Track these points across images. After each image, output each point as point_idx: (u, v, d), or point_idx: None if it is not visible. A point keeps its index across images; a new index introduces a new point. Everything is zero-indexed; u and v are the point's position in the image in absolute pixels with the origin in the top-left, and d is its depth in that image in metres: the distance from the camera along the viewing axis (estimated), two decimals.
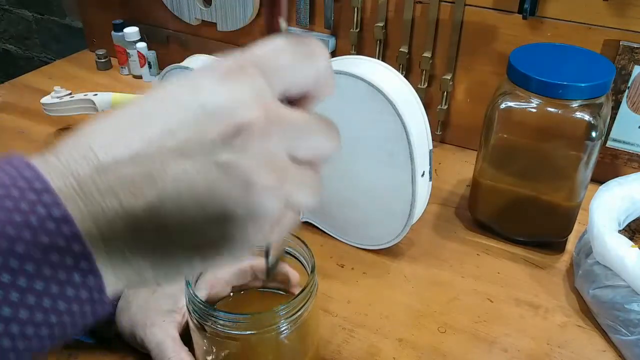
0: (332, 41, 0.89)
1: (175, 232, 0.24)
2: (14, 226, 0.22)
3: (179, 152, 0.23)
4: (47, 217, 0.22)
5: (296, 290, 0.50)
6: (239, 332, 0.44)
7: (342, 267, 0.66)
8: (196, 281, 0.49)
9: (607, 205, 0.59)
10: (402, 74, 0.76)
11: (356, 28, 0.87)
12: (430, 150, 0.62)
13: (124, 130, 0.24)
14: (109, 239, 0.23)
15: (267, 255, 0.33)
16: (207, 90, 0.24)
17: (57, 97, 0.88)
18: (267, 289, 0.54)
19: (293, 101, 0.27)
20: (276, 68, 0.25)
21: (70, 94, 0.89)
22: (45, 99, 0.89)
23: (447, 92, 0.85)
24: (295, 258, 0.49)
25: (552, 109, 0.60)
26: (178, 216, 0.24)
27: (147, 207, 0.23)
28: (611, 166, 0.78)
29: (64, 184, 0.23)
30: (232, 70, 0.24)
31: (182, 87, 0.25)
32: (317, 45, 0.27)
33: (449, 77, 0.83)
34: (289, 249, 0.49)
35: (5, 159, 0.23)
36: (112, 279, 0.24)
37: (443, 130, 0.89)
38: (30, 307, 0.22)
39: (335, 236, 0.70)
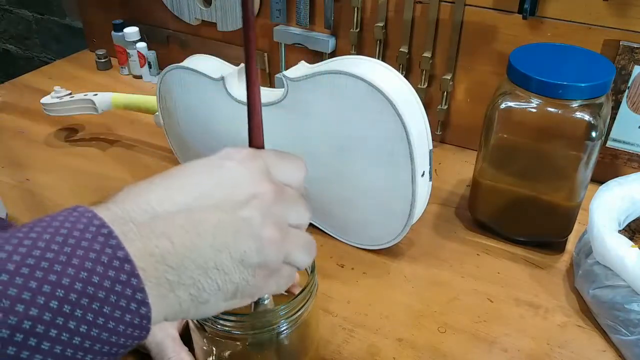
0: (332, 41, 0.89)
1: (210, 269, 0.31)
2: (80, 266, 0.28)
3: (215, 207, 0.32)
4: (113, 257, 0.28)
5: (296, 290, 0.50)
6: (239, 332, 0.44)
7: (342, 267, 0.66)
8: None
9: (607, 205, 0.59)
10: (402, 74, 0.76)
11: (356, 28, 0.87)
12: (430, 150, 0.62)
13: (173, 190, 0.32)
14: (160, 272, 0.30)
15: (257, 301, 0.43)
16: (232, 166, 0.34)
17: (57, 97, 0.88)
18: None
19: None
20: (278, 166, 0.36)
21: (70, 94, 0.89)
22: (45, 99, 0.89)
23: (447, 92, 0.85)
24: None
25: (552, 109, 0.60)
26: (212, 256, 0.31)
27: (191, 246, 0.30)
28: (611, 166, 0.78)
29: (126, 229, 0.29)
30: (249, 157, 0.35)
31: (213, 164, 0.34)
32: (301, 161, 0.38)
33: (449, 77, 0.83)
34: None
35: (71, 209, 0.30)
36: (158, 309, 0.30)
37: (443, 130, 0.89)
38: (100, 326, 0.28)
39: (335, 236, 0.70)
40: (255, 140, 0.39)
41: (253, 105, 0.38)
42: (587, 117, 0.59)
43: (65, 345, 0.27)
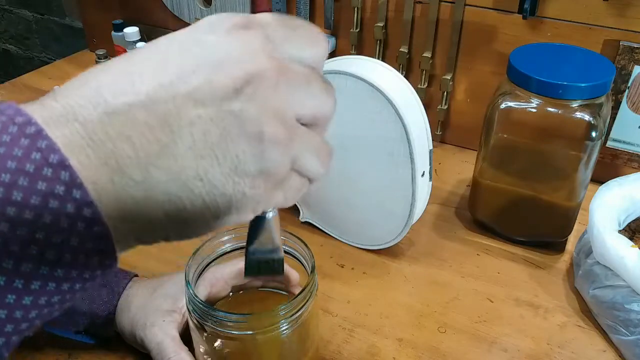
0: (332, 41, 0.89)
1: (190, 179, 0.23)
2: (10, 173, 0.21)
3: (192, 99, 0.23)
4: (43, 163, 0.21)
5: (296, 290, 0.50)
6: (239, 332, 0.44)
7: (342, 267, 0.66)
8: (196, 281, 0.49)
9: (607, 205, 0.59)
10: (402, 74, 0.76)
11: (356, 28, 0.87)
12: (430, 150, 0.62)
13: (134, 75, 0.23)
14: (120, 186, 0.23)
15: (248, 243, 0.31)
16: (216, 40, 0.24)
17: None
18: (267, 289, 0.54)
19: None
20: (281, 38, 0.26)
21: None
22: None
23: (447, 92, 0.85)
24: (295, 258, 0.49)
25: (552, 109, 0.60)
26: (192, 164, 0.23)
27: (162, 151, 0.23)
28: (611, 166, 0.78)
29: (68, 130, 0.22)
30: (241, 26, 0.25)
31: (190, 36, 0.25)
32: (318, 32, 0.27)
33: (449, 77, 0.83)
34: (289, 248, 0.49)
35: None
36: (124, 228, 0.23)
37: (443, 130, 0.89)
38: (33, 258, 0.21)
39: (335, 236, 0.70)
40: (259, 2, 0.28)
41: None
42: (587, 117, 0.59)
43: None
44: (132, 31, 1.04)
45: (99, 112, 0.22)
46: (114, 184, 0.22)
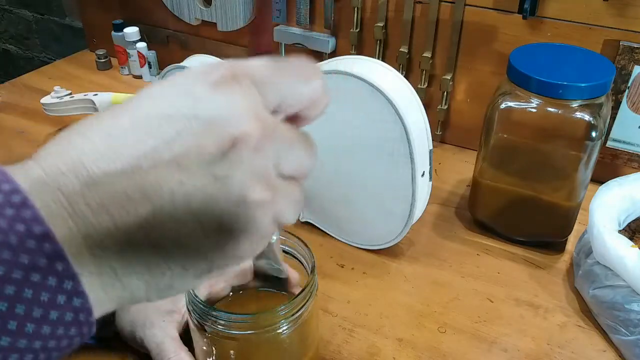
0: (332, 41, 0.89)
1: (169, 247, 0.23)
2: None
3: (175, 164, 0.22)
4: (27, 235, 0.21)
5: (296, 290, 0.50)
6: (239, 332, 0.44)
7: (342, 267, 0.66)
8: None
9: (607, 205, 0.59)
10: (402, 74, 0.76)
11: (356, 28, 0.87)
12: (430, 150, 0.62)
13: (116, 139, 0.23)
14: (100, 258, 0.22)
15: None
16: (202, 99, 0.23)
17: (57, 97, 0.88)
18: (267, 289, 0.54)
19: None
20: (271, 83, 0.25)
21: (70, 94, 0.89)
22: (45, 99, 0.89)
23: (447, 92, 0.85)
24: (295, 258, 0.49)
25: (552, 109, 0.60)
26: (174, 231, 0.23)
27: (142, 223, 0.22)
28: (611, 166, 0.78)
29: (51, 199, 0.22)
30: (226, 79, 0.24)
31: (174, 93, 0.24)
32: (312, 67, 0.27)
33: (449, 77, 0.83)
34: (289, 249, 0.49)
35: None
36: (103, 298, 0.23)
37: (443, 130, 0.89)
38: (12, 333, 0.21)
39: (335, 236, 0.70)
40: (260, 30, 0.27)
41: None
42: (587, 117, 0.59)
43: None
44: (132, 31, 1.05)
45: (81, 181, 0.22)
46: (94, 257, 0.22)
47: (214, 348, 0.46)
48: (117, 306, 0.24)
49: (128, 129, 0.23)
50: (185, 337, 0.50)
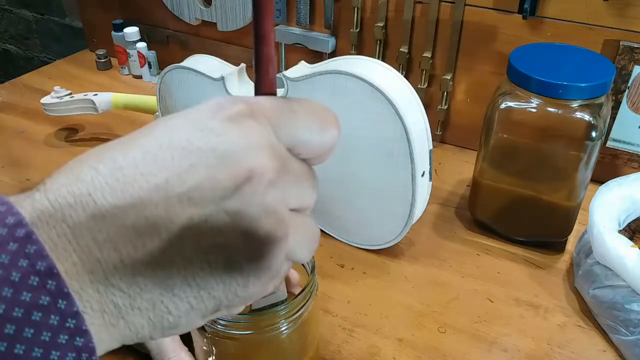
0: (332, 41, 0.89)
1: (176, 285, 0.23)
2: None
3: (187, 198, 0.21)
4: (30, 271, 0.20)
5: (296, 290, 0.50)
6: (239, 332, 0.44)
7: (342, 267, 0.66)
8: None
9: (607, 205, 0.59)
10: (402, 74, 0.76)
11: (356, 28, 0.87)
12: (430, 150, 0.62)
13: (126, 171, 0.22)
14: (104, 295, 0.22)
15: None
16: (218, 133, 0.22)
17: (57, 97, 0.88)
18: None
19: None
20: (287, 127, 0.24)
21: (70, 94, 0.89)
22: (45, 99, 0.89)
23: (447, 92, 0.85)
24: None
25: (552, 109, 0.60)
26: (181, 269, 0.22)
27: (149, 259, 0.22)
28: (611, 166, 0.78)
29: (56, 233, 0.21)
30: (243, 115, 0.23)
31: (189, 126, 0.23)
32: (330, 115, 0.26)
33: (449, 77, 0.83)
34: None
35: None
36: (105, 337, 0.22)
37: (443, 130, 0.89)
38: None
39: (335, 236, 0.70)
40: (263, 82, 0.27)
41: (262, 28, 0.25)
42: (587, 117, 0.59)
43: None
44: (132, 31, 1.05)
45: (88, 214, 0.21)
46: (98, 293, 0.22)
47: (214, 348, 0.46)
48: (119, 345, 0.24)
49: (139, 160, 0.22)
50: (185, 337, 0.50)
